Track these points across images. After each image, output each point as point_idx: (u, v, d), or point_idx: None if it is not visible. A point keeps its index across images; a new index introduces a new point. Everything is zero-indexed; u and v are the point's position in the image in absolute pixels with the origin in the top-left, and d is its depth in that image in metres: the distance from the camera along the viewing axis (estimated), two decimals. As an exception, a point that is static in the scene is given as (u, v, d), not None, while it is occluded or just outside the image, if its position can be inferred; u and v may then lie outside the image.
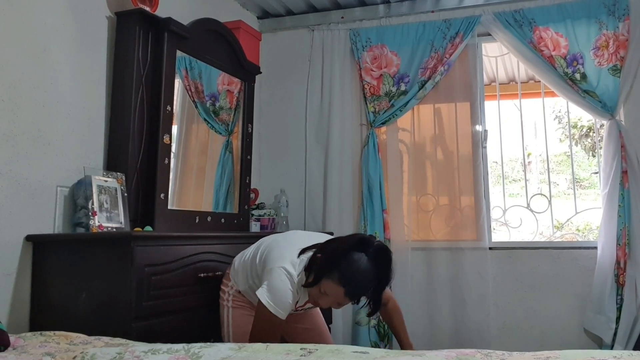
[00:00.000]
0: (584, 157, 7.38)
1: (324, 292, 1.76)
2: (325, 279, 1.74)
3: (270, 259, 1.89)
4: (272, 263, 1.86)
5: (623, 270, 2.91)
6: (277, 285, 1.79)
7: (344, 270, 1.72)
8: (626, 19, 3.04)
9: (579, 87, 3.09)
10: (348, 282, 1.72)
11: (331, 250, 1.80)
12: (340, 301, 1.77)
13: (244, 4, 3.62)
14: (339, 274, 1.72)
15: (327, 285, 1.74)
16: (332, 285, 1.73)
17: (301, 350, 1.27)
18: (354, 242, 1.78)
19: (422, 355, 1.23)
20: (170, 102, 2.52)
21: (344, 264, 1.73)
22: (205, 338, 2.11)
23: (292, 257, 1.85)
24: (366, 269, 1.73)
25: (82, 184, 2.19)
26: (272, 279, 1.81)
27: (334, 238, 1.95)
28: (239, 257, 2.13)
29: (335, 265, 1.73)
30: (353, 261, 1.73)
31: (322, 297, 1.78)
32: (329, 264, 1.75)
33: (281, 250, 1.91)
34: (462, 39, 3.30)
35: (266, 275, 1.85)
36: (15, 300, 1.99)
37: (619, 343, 2.87)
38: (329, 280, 1.73)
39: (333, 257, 1.76)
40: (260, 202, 3.49)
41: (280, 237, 2.08)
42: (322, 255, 1.79)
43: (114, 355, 1.25)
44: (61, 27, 2.23)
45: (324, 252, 1.80)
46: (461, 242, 3.27)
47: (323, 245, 1.87)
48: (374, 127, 3.41)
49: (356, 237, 1.82)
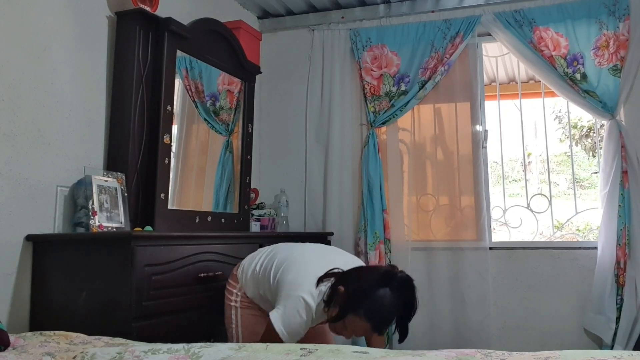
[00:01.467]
0: (584, 157, 7.38)
1: (348, 327, 1.74)
2: (350, 315, 1.72)
3: (286, 283, 1.83)
4: (289, 289, 1.81)
5: (623, 270, 2.91)
6: (293, 316, 1.76)
7: (370, 307, 1.69)
8: (626, 19, 3.04)
9: (579, 87, 3.09)
10: (374, 318, 1.70)
11: (355, 287, 1.74)
12: (366, 334, 1.77)
13: (244, 4, 3.62)
14: (365, 311, 1.69)
15: (352, 321, 1.72)
16: (357, 321, 1.71)
17: (301, 350, 1.27)
18: (378, 276, 1.75)
19: (422, 355, 1.23)
20: (171, 102, 2.52)
21: (369, 300, 1.70)
22: (205, 338, 2.11)
23: (310, 287, 1.80)
24: (391, 304, 1.71)
25: (82, 183, 2.19)
26: (289, 308, 1.77)
27: (355, 269, 1.87)
28: (247, 262, 2.08)
29: (360, 302, 1.70)
30: (378, 297, 1.70)
31: (346, 330, 1.75)
32: (354, 302, 1.71)
33: (299, 275, 1.85)
34: (463, 39, 3.30)
35: (282, 300, 1.80)
36: (15, 300, 1.99)
37: (619, 343, 2.86)
38: (354, 316, 1.71)
39: (357, 295, 1.72)
40: (260, 202, 3.49)
41: (297, 254, 1.98)
42: (346, 291, 1.74)
43: (114, 355, 1.25)
44: (61, 27, 2.23)
45: (347, 287, 1.75)
46: (461, 242, 3.27)
47: (344, 276, 1.80)
48: (374, 127, 3.41)
49: (380, 271, 1.78)
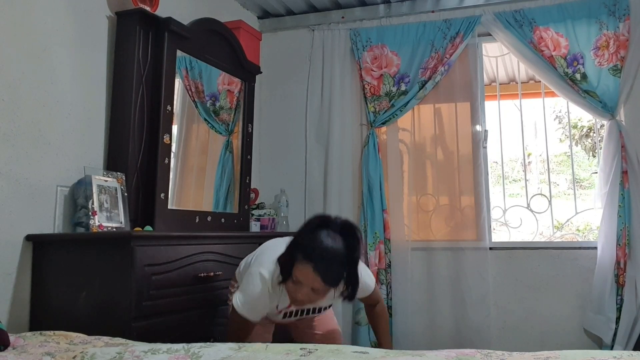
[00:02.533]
0: (584, 157, 7.38)
1: (297, 281, 1.66)
2: (295, 266, 1.65)
3: (254, 263, 1.89)
4: (252, 267, 1.86)
5: (623, 270, 2.91)
6: (248, 289, 1.79)
7: (308, 246, 1.63)
8: (627, 19, 3.04)
9: (579, 87, 3.09)
10: (314, 257, 1.61)
11: (295, 236, 1.72)
12: (314, 285, 1.64)
13: (245, 4, 3.62)
14: (304, 252, 1.62)
15: (297, 270, 1.64)
16: (301, 267, 1.63)
17: (301, 350, 1.27)
18: (316, 222, 1.70)
19: (422, 355, 1.23)
20: (171, 102, 2.52)
21: (307, 241, 1.65)
22: (205, 338, 2.11)
23: (269, 265, 1.79)
24: (332, 243, 1.63)
25: (82, 183, 2.19)
26: (246, 283, 1.82)
27: None
28: (244, 259, 2.11)
29: (300, 245, 1.65)
30: (316, 237, 1.64)
31: (298, 288, 1.67)
32: (295, 248, 1.67)
33: (267, 254, 1.87)
34: (463, 39, 3.30)
35: (244, 278, 1.86)
36: (15, 300, 1.99)
37: (619, 343, 2.86)
38: (298, 263, 1.64)
39: (297, 240, 1.68)
40: (260, 202, 3.49)
41: (278, 240, 2.03)
42: (292, 244, 1.71)
43: (114, 355, 1.25)
44: (61, 26, 2.23)
45: (292, 242, 1.72)
46: (461, 242, 3.27)
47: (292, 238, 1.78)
48: (374, 127, 3.41)
49: (317, 217, 1.74)
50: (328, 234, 1.64)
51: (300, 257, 1.63)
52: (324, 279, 1.61)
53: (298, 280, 1.65)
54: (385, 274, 3.27)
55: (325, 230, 1.65)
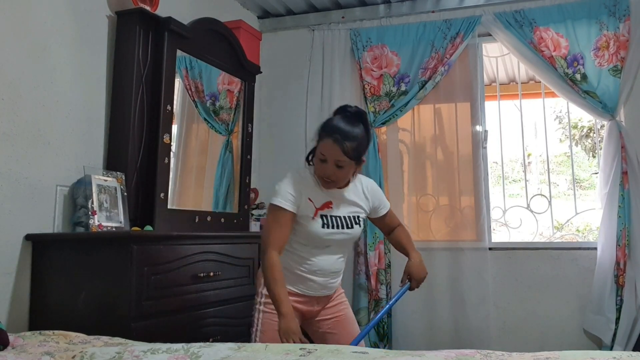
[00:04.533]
0: (584, 157, 7.38)
1: (322, 159, 1.84)
2: (319, 144, 1.86)
3: None
4: None
5: (623, 271, 2.91)
6: (279, 183, 1.90)
7: (329, 124, 1.86)
8: (627, 19, 3.04)
9: (580, 87, 3.09)
10: (332, 131, 1.83)
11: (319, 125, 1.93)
12: (335, 156, 1.83)
13: (245, 4, 3.62)
14: (325, 130, 1.85)
15: (321, 147, 1.85)
16: (323, 144, 1.84)
17: (300, 350, 1.27)
18: (335, 111, 1.95)
19: (422, 355, 1.23)
20: (170, 101, 2.52)
21: (328, 121, 1.89)
22: (204, 338, 2.11)
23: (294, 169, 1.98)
24: (346, 121, 1.86)
25: (81, 183, 2.19)
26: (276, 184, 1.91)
27: None
28: None
29: (322, 127, 1.88)
30: (333, 118, 1.89)
31: (323, 165, 1.85)
32: (318, 131, 1.89)
33: None
34: (463, 39, 3.29)
35: None
36: (15, 300, 1.99)
37: (619, 344, 2.86)
38: (321, 142, 1.85)
39: (320, 126, 1.90)
40: (260, 202, 3.49)
41: None
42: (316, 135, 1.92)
43: (114, 354, 1.25)
44: (61, 26, 2.22)
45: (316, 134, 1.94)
46: (461, 243, 3.27)
47: None
48: (374, 127, 3.40)
49: (337, 108, 1.97)
50: (344, 116, 1.89)
51: (323, 135, 1.85)
52: (342, 150, 1.82)
53: (323, 157, 1.84)
54: (385, 274, 3.27)
55: (341, 114, 1.91)
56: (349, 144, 1.83)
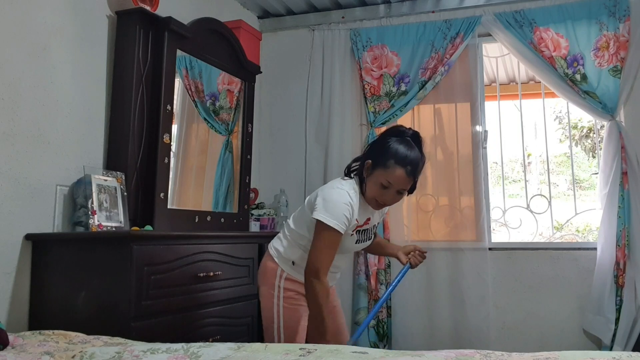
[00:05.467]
0: (584, 158, 7.37)
1: (385, 185, 1.84)
2: (383, 171, 1.85)
3: (318, 193, 1.91)
4: (322, 191, 1.91)
5: (622, 271, 2.91)
6: (332, 199, 1.84)
7: (398, 152, 1.85)
8: (627, 19, 3.04)
9: (579, 87, 3.09)
10: (405, 161, 1.84)
11: (377, 147, 1.91)
12: (402, 186, 1.86)
13: (245, 4, 3.62)
14: (395, 158, 1.84)
15: (388, 175, 1.84)
16: (391, 172, 1.83)
17: (300, 350, 1.27)
18: (392, 132, 1.94)
19: (422, 355, 1.23)
20: (170, 101, 2.52)
21: (395, 148, 1.86)
22: (204, 338, 2.11)
23: (340, 181, 1.93)
24: (413, 148, 1.88)
25: (81, 183, 2.19)
26: (327, 195, 1.86)
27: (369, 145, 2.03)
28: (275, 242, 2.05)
29: (388, 153, 1.86)
30: (401, 144, 1.87)
31: (384, 192, 1.86)
32: (382, 156, 1.86)
33: (327, 184, 1.98)
34: (463, 40, 3.29)
35: (318, 199, 1.87)
36: (15, 299, 1.99)
37: (618, 344, 2.86)
38: (388, 169, 1.84)
39: (383, 149, 1.88)
40: (259, 202, 3.49)
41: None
42: (372, 157, 1.89)
43: (113, 354, 1.25)
44: (61, 26, 2.23)
45: (371, 155, 1.91)
46: (461, 243, 3.27)
47: (363, 155, 1.96)
48: (374, 127, 3.41)
49: (392, 129, 1.97)
50: (406, 141, 1.89)
51: (391, 164, 1.84)
52: (413, 181, 1.89)
53: (388, 184, 1.85)
54: (384, 274, 3.27)
55: (400, 137, 1.90)
56: (418, 174, 1.89)
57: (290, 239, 1.99)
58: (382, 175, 1.85)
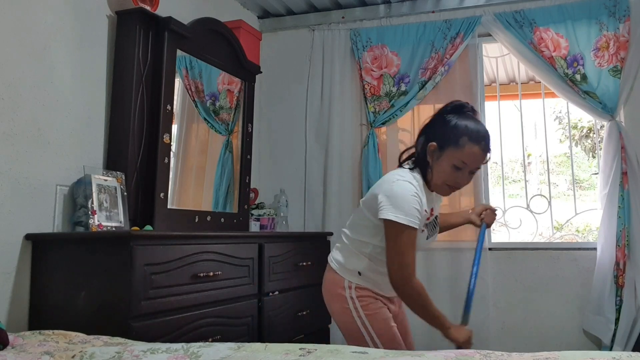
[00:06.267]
0: (584, 158, 7.37)
1: (459, 166, 1.72)
2: (455, 150, 1.70)
3: (377, 192, 1.74)
4: (381, 189, 1.74)
5: (622, 271, 2.91)
6: (397, 194, 1.67)
7: (469, 128, 1.71)
8: (627, 20, 3.04)
9: (579, 88, 3.09)
10: (479, 136, 1.71)
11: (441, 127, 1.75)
12: (478, 163, 1.75)
13: (245, 4, 3.62)
14: (468, 135, 1.70)
15: (461, 154, 1.70)
16: (466, 151, 1.70)
17: (300, 350, 1.27)
18: (452, 109, 1.78)
19: (422, 355, 1.23)
20: (171, 101, 2.52)
21: (464, 125, 1.72)
22: (204, 337, 2.11)
23: (396, 174, 1.76)
24: (479, 122, 1.76)
25: (81, 183, 2.19)
26: (391, 192, 1.69)
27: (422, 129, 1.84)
28: (334, 253, 1.92)
29: (458, 131, 1.71)
30: (468, 120, 1.74)
31: (458, 173, 1.74)
32: (451, 135, 1.71)
33: (382, 180, 1.81)
34: (463, 40, 3.30)
35: (381, 198, 1.70)
36: (15, 299, 1.99)
37: (618, 344, 2.86)
38: (461, 148, 1.70)
39: (450, 128, 1.73)
40: (259, 202, 3.49)
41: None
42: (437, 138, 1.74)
43: (113, 354, 1.25)
44: (61, 25, 2.22)
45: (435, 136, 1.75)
46: (461, 243, 3.27)
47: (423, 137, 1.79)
48: (374, 127, 3.41)
49: (450, 106, 1.80)
50: (471, 117, 1.76)
51: (465, 141, 1.70)
52: (488, 154, 1.76)
53: (463, 165, 1.72)
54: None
55: (467, 114, 1.77)
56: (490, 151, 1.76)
57: (352, 248, 1.85)
58: (455, 156, 1.70)
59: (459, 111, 1.77)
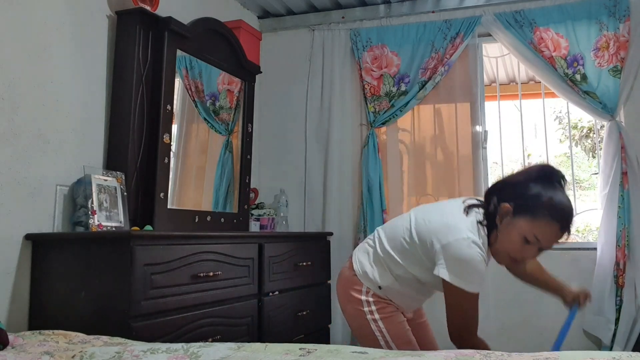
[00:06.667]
0: (584, 158, 7.37)
1: (529, 240, 1.56)
2: (530, 222, 1.54)
3: (436, 234, 1.63)
4: (445, 237, 1.60)
5: (622, 271, 2.91)
6: (465, 259, 1.55)
7: (553, 203, 1.53)
8: (627, 20, 3.04)
9: (579, 88, 3.09)
10: (562, 215, 1.54)
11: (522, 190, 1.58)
12: (552, 243, 1.58)
13: (245, 4, 3.62)
14: (550, 210, 1.52)
15: (535, 229, 1.53)
16: (542, 226, 1.53)
17: (300, 350, 1.27)
18: (540, 174, 1.60)
19: (422, 355, 1.23)
20: (170, 101, 2.52)
21: (548, 197, 1.53)
22: (204, 337, 2.11)
23: (464, 223, 1.61)
24: (566, 196, 1.57)
25: (81, 183, 2.19)
26: (457, 253, 1.56)
27: (497, 183, 1.70)
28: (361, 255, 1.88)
29: (539, 201, 1.53)
30: (556, 192, 1.55)
31: (526, 247, 1.58)
32: (530, 203, 1.54)
33: (444, 221, 1.65)
34: (463, 40, 3.30)
35: (444, 253, 1.59)
36: (15, 299, 1.99)
37: (618, 344, 2.87)
38: (537, 222, 1.53)
39: (531, 195, 1.55)
40: (259, 202, 3.49)
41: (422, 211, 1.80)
42: (514, 200, 1.58)
43: (113, 354, 1.25)
44: (61, 25, 2.22)
45: (511, 197, 1.59)
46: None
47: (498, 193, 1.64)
48: (374, 127, 3.41)
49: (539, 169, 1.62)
50: (561, 189, 1.58)
51: (545, 216, 1.53)
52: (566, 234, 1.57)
53: (535, 239, 1.55)
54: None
55: (554, 184, 1.58)
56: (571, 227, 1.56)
57: (382, 261, 1.78)
58: (528, 228, 1.54)
59: (547, 178, 1.59)
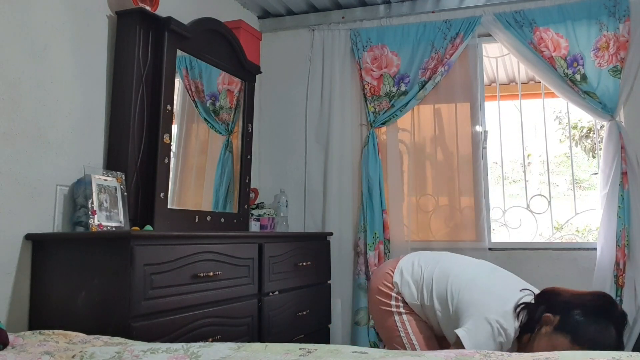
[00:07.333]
0: (583, 158, 7.37)
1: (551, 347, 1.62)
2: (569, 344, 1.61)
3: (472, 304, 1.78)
4: (478, 311, 1.75)
5: (622, 271, 2.91)
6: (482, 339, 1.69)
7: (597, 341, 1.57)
8: (627, 20, 3.04)
9: (579, 88, 3.09)
10: (584, 344, 1.58)
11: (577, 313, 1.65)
12: None
13: (245, 4, 3.62)
14: (590, 345, 1.56)
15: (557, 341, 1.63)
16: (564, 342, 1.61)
17: (300, 350, 1.27)
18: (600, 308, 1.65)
19: (422, 355, 1.23)
20: (171, 101, 2.52)
21: (597, 334, 1.59)
22: (204, 337, 2.11)
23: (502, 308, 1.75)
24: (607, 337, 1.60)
25: (81, 183, 2.19)
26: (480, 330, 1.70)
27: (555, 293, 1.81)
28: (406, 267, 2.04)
29: (587, 333, 1.60)
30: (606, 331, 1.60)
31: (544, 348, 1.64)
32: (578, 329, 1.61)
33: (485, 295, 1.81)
34: (463, 40, 3.30)
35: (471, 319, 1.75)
36: (15, 299, 1.99)
37: (618, 344, 2.86)
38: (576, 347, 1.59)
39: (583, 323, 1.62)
40: (260, 202, 3.49)
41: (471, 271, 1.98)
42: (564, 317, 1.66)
43: (113, 354, 1.25)
44: (61, 25, 2.22)
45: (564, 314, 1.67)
46: (461, 243, 3.27)
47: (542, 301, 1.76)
48: (374, 127, 3.41)
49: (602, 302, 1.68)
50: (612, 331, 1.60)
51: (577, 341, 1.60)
52: None
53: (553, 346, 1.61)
54: (384, 274, 3.27)
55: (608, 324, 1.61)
56: None
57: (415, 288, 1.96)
58: (565, 347, 1.58)
59: (605, 315, 1.62)
